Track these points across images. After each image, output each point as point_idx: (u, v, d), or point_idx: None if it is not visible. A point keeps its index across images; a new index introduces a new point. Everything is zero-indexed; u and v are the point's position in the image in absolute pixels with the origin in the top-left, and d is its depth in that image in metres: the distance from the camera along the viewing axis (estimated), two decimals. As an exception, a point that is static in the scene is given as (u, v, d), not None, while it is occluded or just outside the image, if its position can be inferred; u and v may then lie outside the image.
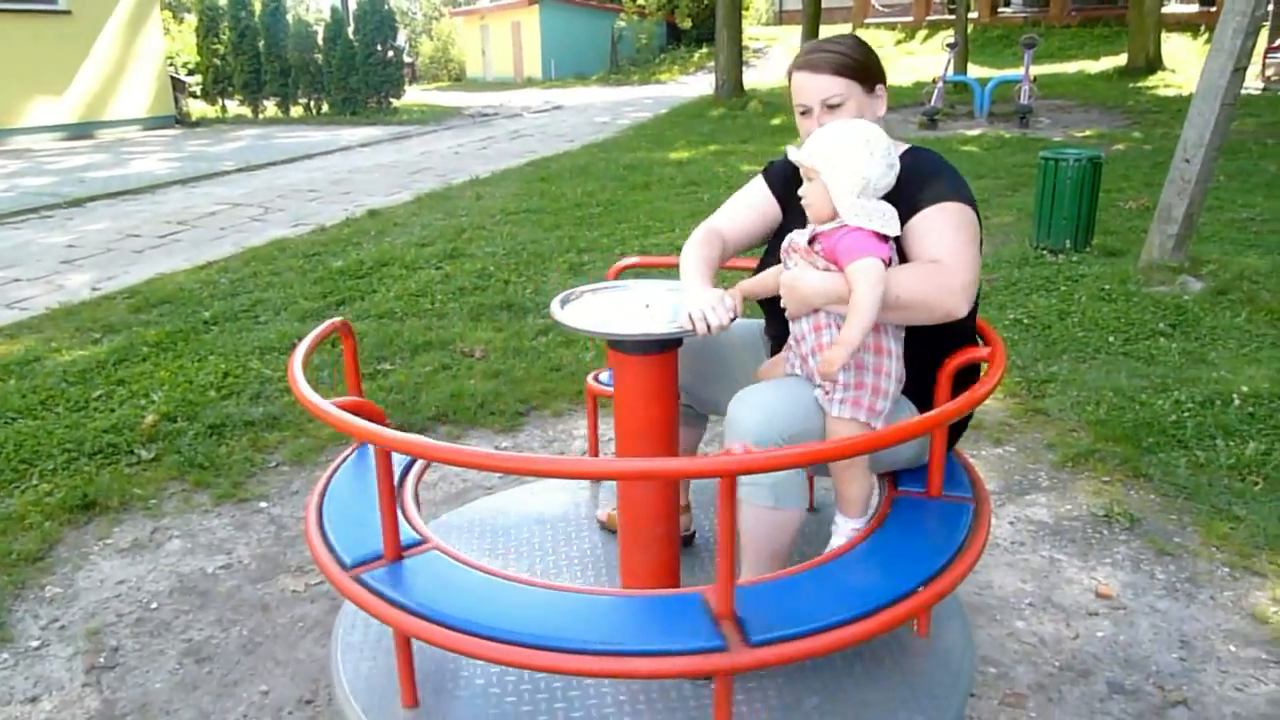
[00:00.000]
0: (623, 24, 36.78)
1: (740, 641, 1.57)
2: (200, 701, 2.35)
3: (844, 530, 2.03)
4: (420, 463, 2.32)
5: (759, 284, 2.13)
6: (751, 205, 2.26)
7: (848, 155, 1.86)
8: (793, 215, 2.13)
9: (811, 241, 1.93)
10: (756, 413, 1.87)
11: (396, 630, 1.76)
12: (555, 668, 1.59)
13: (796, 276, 1.93)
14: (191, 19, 26.23)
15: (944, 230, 1.92)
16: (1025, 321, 4.94)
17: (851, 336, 1.80)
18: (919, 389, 2.02)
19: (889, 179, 1.90)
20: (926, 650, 2.04)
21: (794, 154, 1.94)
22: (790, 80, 2.08)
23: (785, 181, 2.19)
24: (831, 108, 2.01)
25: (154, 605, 2.78)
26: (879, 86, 2.08)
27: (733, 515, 1.50)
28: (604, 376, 2.95)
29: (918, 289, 1.84)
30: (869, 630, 1.64)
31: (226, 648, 2.57)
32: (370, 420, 1.69)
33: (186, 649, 2.57)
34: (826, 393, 1.90)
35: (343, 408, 1.73)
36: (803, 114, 2.06)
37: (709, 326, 1.87)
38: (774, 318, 2.12)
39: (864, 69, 2.03)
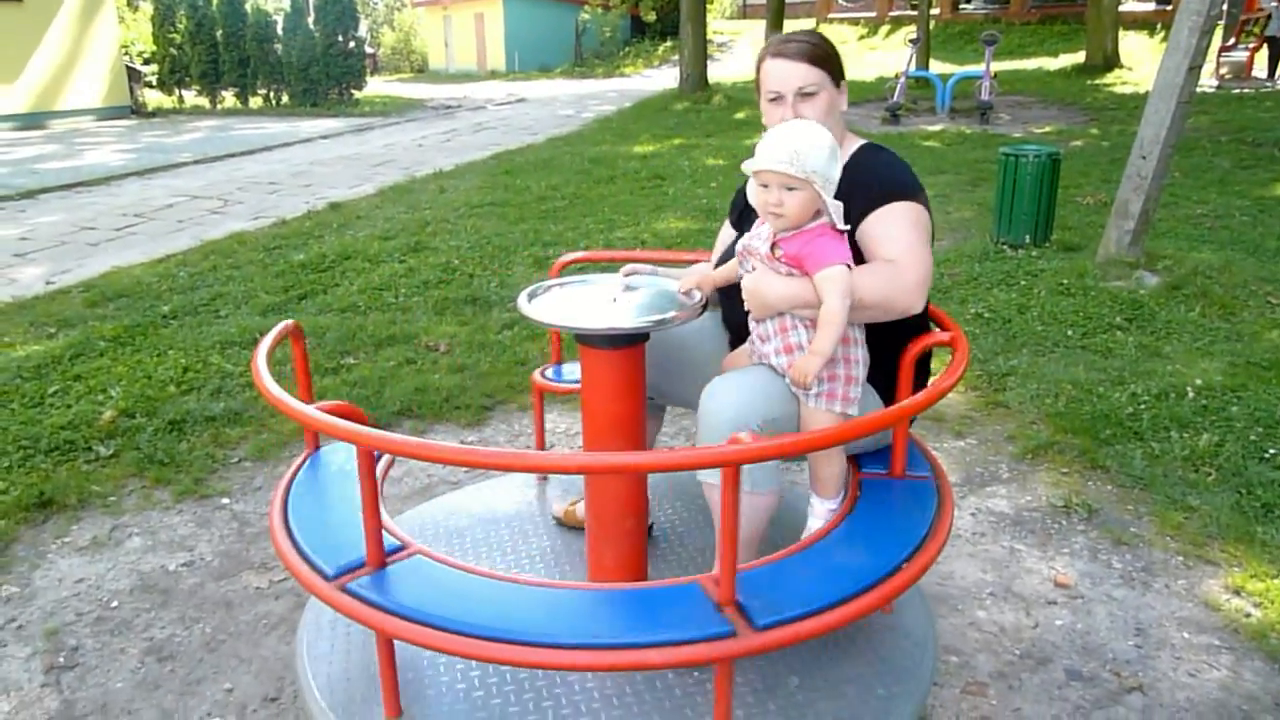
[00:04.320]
0: (587, 16, 36.65)
1: (747, 626, 1.59)
2: (163, 700, 2.32)
3: (820, 511, 2.09)
4: (386, 459, 2.31)
5: (721, 276, 2.16)
6: (724, 242, 2.38)
7: (829, 165, 1.86)
8: (745, 229, 2.16)
9: (773, 247, 1.93)
10: (732, 402, 1.90)
11: (381, 637, 1.74)
12: (566, 664, 1.59)
13: (759, 281, 1.94)
14: (147, 7, 25.75)
15: (898, 229, 1.96)
16: (986, 315, 5.01)
17: (825, 347, 1.85)
18: (880, 375, 2.09)
19: None
20: (893, 631, 2.08)
21: (770, 164, 1.84)
22: (761, 68, 2.08)
23: (737, 209, 2.33)
24: (806, 95, 2.03)
25: (114, 604, 2.74)
26: (843, 81, 2.11)
27: (734, 503, 1.52)
28: (549, 372, 2.95)
29: (879, 290, 1.90)
30: (865, 607, 1.69)
31: (189, 646, 2.54)
32: (351, 420, 1.67)
33: (148, 648, 2.53)
34: (806, 387, 1.93)
35: (328, 410, 1.71)
36: (773, 100, 2.05)
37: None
38: (733, 308, 2.13)
39: (834, 61, 2.08)
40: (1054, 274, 5.59)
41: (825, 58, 2.05)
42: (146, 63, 23.84)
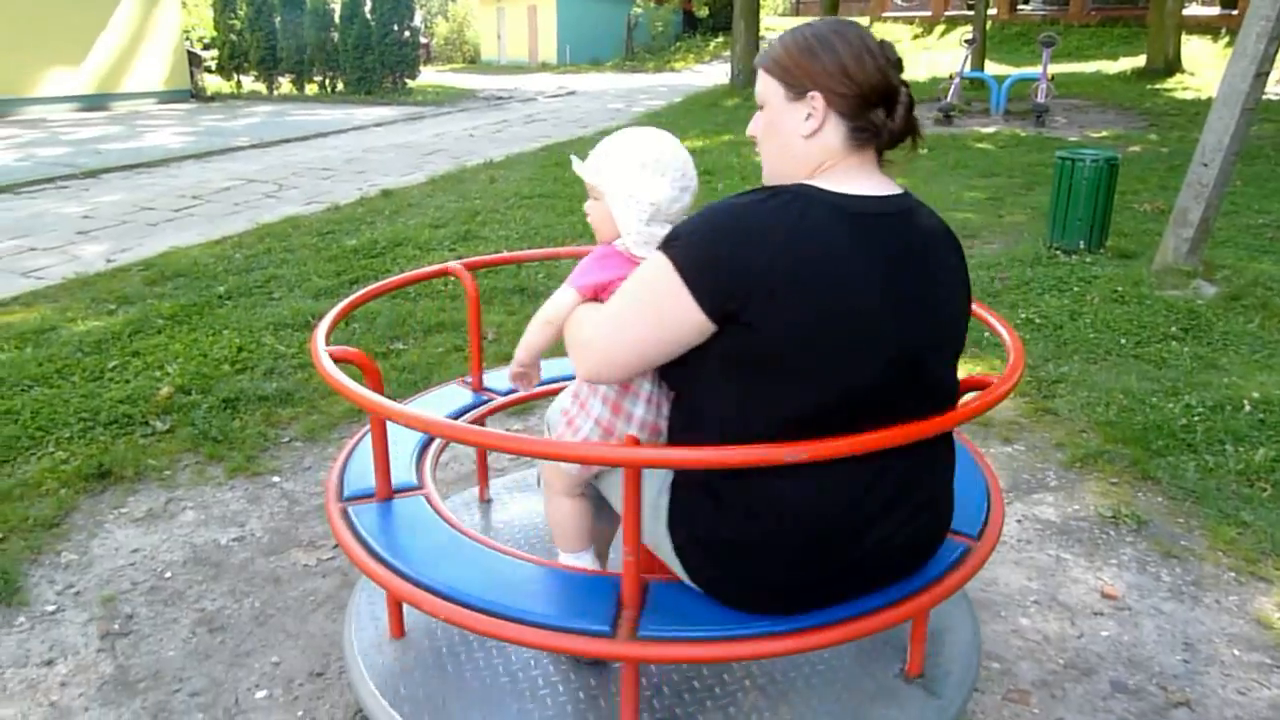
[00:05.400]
0: (639, 10, 36.70)
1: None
2: (213, 670, 2.38)
3: (562, 560, 1.90)
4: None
5: None
6: None
7: (634, 177, 1.65)
8: None
9: None
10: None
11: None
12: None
13: None
14: (208, -7, 26.19)
15: (628, 281, 1.60)
16: (1037, 321, 4.94)
17: (517, 353, 1.86)
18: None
19: (683, 202, 1.69)
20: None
21: (578, 166, 1.74)
22: None
23: None
24: (760, 108, 1.63)
25: (168, 574, 2.81)
26: (813, 94, 1.51)
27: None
28: None
29: (571, 333, 1.70)
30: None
31: (239, 618, 2.60)
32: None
33: (199, 618, 2.60)
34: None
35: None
36: None
37: None
38: None
39: (788, 67, 1.54)
40: (1108, 281, 5.50)
41: (776, 60, 1.55)
42: (206, 48, 24.29)
